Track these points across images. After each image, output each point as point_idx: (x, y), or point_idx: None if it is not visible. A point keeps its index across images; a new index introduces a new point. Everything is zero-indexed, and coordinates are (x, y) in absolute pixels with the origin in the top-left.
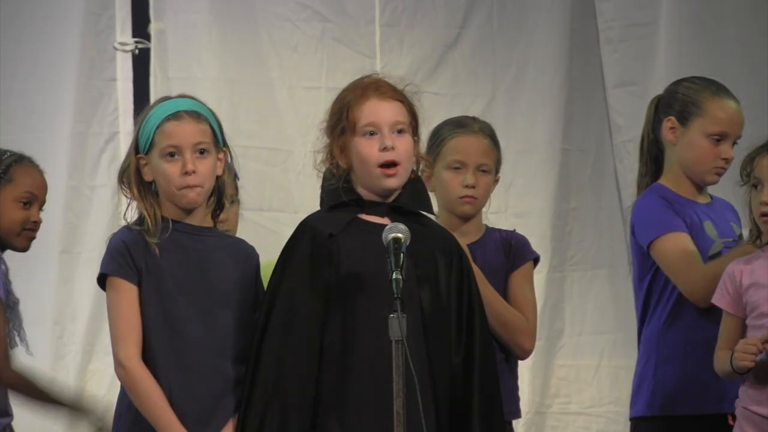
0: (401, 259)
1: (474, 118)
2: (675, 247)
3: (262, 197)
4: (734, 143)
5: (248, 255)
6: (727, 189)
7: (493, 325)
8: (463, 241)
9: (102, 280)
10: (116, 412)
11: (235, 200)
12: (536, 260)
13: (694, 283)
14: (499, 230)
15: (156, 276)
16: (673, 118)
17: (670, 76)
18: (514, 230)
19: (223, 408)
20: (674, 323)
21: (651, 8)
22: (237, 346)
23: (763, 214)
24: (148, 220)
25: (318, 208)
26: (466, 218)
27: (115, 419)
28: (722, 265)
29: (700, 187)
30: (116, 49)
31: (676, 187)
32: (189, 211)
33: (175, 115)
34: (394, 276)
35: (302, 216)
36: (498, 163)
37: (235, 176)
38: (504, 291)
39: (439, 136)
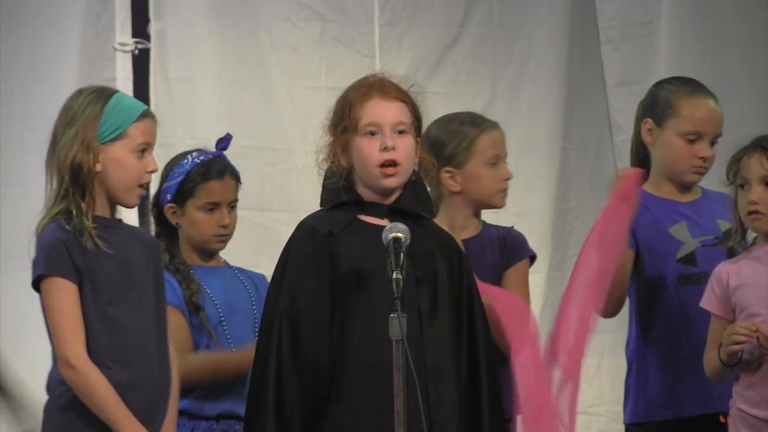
0: (401, 259)
1: (481, 116)
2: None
3: (262, 197)
4: (714, 142)
5: (155, 246)
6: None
7: None
8: (462, 236)
9: (37, 280)
10: (46, 414)
11: (235, 205)
12: (533, 258)
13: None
14: (497, 227)
15: (91, 274)
16: (650, 120)
17: (671, 75)
18: (512, 227)
19: (164, 397)
20: (650, 329)
21: (651, 7)
22: (165, 335)
23: (751, 213)
24: (88, 219)
25: (318, 207)
26: (478, 213)
27: (45, 421)
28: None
29: (686, 186)
30: (116, 49)
31: (657, 189)
32: (113, 207)
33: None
34: (394, 276)
35: (302, 216)
36: None
37: (238, 181)
38: None
39: (466, 134)
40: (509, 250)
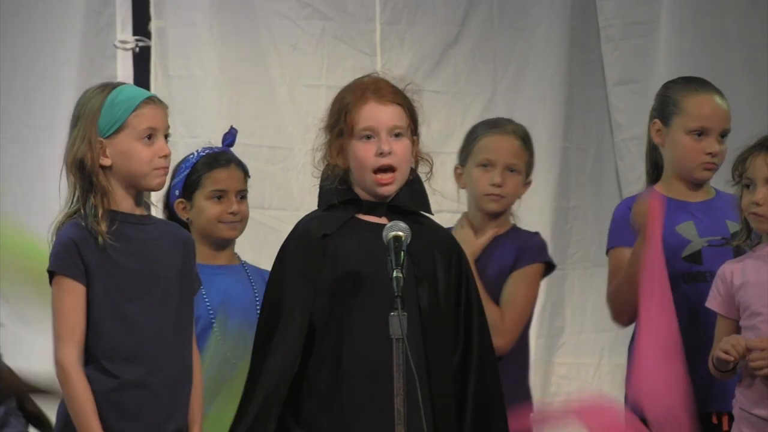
0: (402, 258)
1: (509, 120)
2: (615, 262)
3: (263, 195)
4: (723, 137)
5: (186, 240)
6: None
7: None
8: (487, 236)
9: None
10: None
11: (245, 196)
12: (549, 266)
13: (608, 300)
14: (524, 231)
15: (107, 271)
16: (657, 120)
17: (671, 74)
18: (537, 233)
19: (182, 396)
20: None
21: (652, 6)
22: (187, 333)
23: (754, 214)
24: (99, 216)
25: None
26: (492, 215)
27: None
28: (622, 281)
29: (699, 185)
30: (117, 47)
31: (667, 190)
32: (138, 202)
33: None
34: (394, 274)
35: (303, 214)
36: (529, 165)
37: (246, 174)
38: None
39: (473, 134)
40: (521, 253)
